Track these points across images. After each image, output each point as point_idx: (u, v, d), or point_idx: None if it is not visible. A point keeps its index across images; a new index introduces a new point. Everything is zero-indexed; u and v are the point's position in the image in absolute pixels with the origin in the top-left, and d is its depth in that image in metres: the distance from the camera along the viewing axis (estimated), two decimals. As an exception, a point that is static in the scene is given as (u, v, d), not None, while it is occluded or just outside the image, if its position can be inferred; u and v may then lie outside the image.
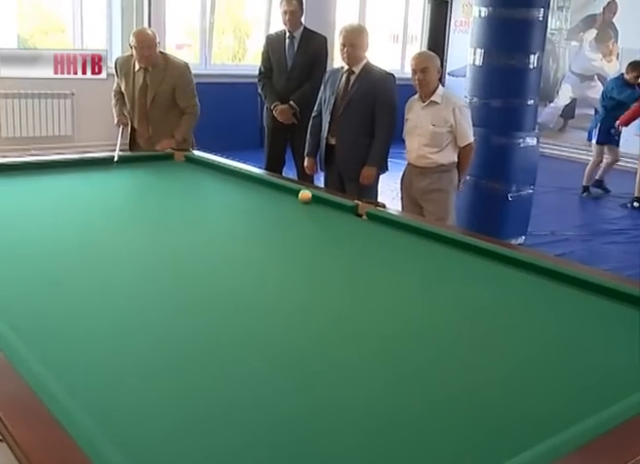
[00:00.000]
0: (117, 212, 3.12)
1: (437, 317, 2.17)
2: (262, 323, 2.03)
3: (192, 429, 1.45)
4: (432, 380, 1.75)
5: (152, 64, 4.49)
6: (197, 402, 1.58)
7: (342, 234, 3.00)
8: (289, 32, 5.21)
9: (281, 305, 2.19)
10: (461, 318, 2.16)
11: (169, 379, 1.67)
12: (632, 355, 1.91)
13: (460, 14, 11.02)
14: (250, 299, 2.21)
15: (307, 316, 2.12)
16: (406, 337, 2.00)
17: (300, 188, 3.35)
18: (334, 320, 2.09)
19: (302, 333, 1.98)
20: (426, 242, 2.83)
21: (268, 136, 5.44)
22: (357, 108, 4.32)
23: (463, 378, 1.75)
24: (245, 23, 10.06)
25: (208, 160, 4.03)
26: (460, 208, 4.64)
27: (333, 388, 1.67)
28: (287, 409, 1.56)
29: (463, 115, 4.11)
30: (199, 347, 1.85)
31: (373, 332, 2.01)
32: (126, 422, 1.46)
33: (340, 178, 4.48)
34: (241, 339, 1.90)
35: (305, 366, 1.79)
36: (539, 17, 5.18)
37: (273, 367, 1.76)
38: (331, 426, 1.50)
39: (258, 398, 1.60)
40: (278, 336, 1.94)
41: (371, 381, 1.72)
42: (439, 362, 1.86)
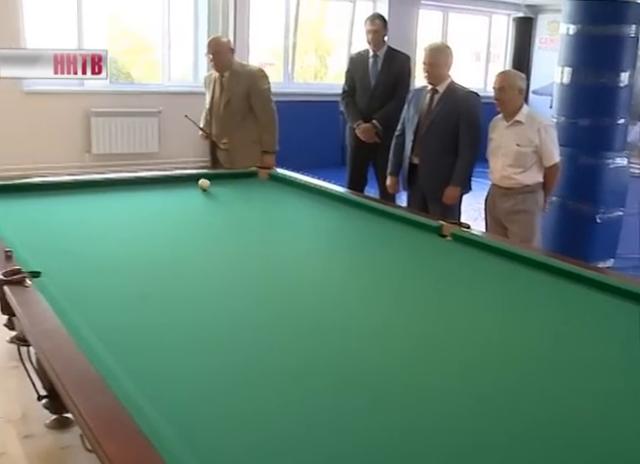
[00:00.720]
0: (203, 229, 3.18)
1: (520, 340, 2.12)
2: (343, 341, 2.03)
3: (272, 446, 1.46)
4: (514, 404, 1.71)
5: (227, 69, 4.72)
6: (277, 418, 1.58)
7: (426, 254, 2.97)
8: (372, 51, 5.22)
9: (362, 325, 2.18)
10: (545, 342, 2.11)
11: (250, 394, 1.68)
12: None
13: (544, 31, 10.84)
14: (331, 318, 2.21)
15: (389, 336, 2.10)
16: (488, 360, 1.96)
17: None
18: (415, 341, 2.07)
19: (384, 354, 1.96)
20: (511, 264, 2.77)
21: (351, 155, 5.45)
22: (441, 127, 4.29)
23: (545, 404, 1.71)
24: (326, 42, 10.15)
25: (291, 178, 4.06)
26: (545, 229, 4.53)
27: (413, 410, 1.65)
28: (367, 430, 1.54)
29: (549, 135, 4.03)
30: (281, 363, 1.86)
31: (455, 355, 1.98)
32: (208, 436, 1.48)
33: (423, 198, 4.45)
34: (322, 358, 1.90)
35: (386, 386, 1.77)
36: (630, 33, 5.04)
37: (354, 387, 1.75)
38: (413, 448, 1.48)
39: (337, 417, 1.59)
40: (359, 356, 1.93)
41: (453, 404, 1.69)
42: (521, 386, 1.81)
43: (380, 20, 5.26)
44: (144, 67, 8.65)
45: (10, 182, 3.61)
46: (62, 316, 1.91)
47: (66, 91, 7.39)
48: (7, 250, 2.33)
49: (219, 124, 4.81)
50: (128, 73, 8.44)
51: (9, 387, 2.95)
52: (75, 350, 1.71)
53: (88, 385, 1.56)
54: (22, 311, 1.95)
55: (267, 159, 4.67)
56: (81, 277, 2.42)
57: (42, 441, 2.57)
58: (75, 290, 2.25)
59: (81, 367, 1.64)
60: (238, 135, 4.73)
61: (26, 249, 2.50)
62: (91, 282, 2.38)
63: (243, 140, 4.74)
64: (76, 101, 7.43)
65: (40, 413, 2.59)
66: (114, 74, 8.18)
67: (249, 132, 4.76)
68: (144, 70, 8.63)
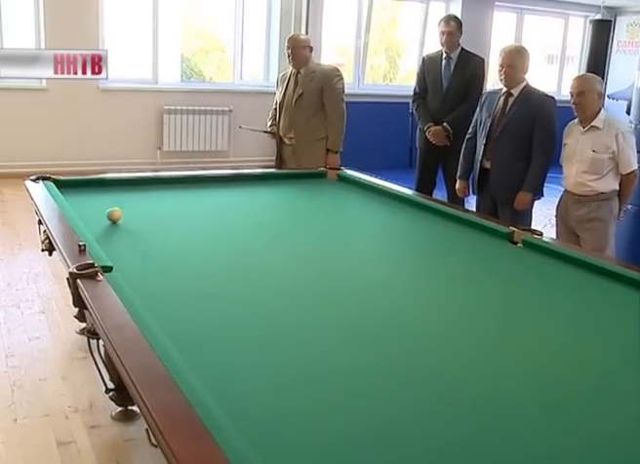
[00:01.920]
0: (270, 228, 3.19)
1: (589, 351, 2.06)
2: (409, 345, 2.01)
3: (336, 445, 1.47)
4: (583, 416, 1.66)
5: (304, 65, 4.81)
6: (341, 418, 1.58)
7: (497, 261, 2.92)
8: (445, 53, 5.17)
9: (429, 329, 2.16)
10: (615, 353, 2.05)
11: (315, 393, 1.69)
12: None
13: (623, 34, 10.55)
14: (397, 321, 2.19)
15: (455, 342, 2.07)
16: (556, 370, 1.91)
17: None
18: (482, 347, 2.04)
19: (449, 359, 1.94)
20: (583, 273, 2.70)
21: (420, 157, 5.41)
22: (514, 131, 4.21)
23: (616, 418, 1.66)
24: (397, 44, 10.10)
25: (359, 179, 4.05)
26: (620, 238, 4.40)
27: (478, 417, 1.63)
28: (430, 436, 1.53)
29: (627, 141, 3.91)
30: (344, 363, 1.86)
31: (521, 363, 1.94)
32: (273, 434, 1.49)
33: (494, 202, 4.37)
34: (386, 360, 1.90)
35: (450, 392, 1.74)
36: None
37: (419, 391, 1.73)
38: (475, 456, 1.46)
39: (402, 420, 1.58)
40: (424, 361, 1.92)
41: (518, 413, 1.66)
42: (590, 397, 1.77)
43: (454, 22, 5.19)
44: (217, 66, 8.77)
45: (84, 178, 3.70)
46: (132, 311, 1.94)
47: (140, 88, 7.57)
48: (80, 243, 2.38)
49: (287, 118, 4.85)
50: (200, 72, 8.57)
51: (77, 378, 3.02)
52: (144, 345, 1.74)
53: (156, 381, 1.58)
54: (94, 305, 1.98)
55: (331, 158, 4.70)
56: (152, 273, 2.47)
57: (108, 431, 2.62)
58: (146, 285, 2.29)
59: (150, 362, 1.66)
60: (305, 131, 4.78)
61: (99, 243, 2.55)
62: (161, 278, 2.42)
63: (310, 136, 4.79)
64: (149, 98, 7.59)
65: (106, 405, 2.65)
66: (186, 73, 8.32)
67: (317, 129, 4.80)
68: (216, 69, 8.75)
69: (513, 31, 10.24)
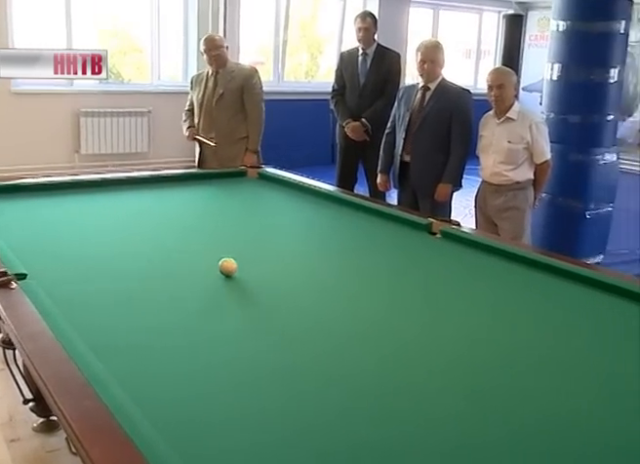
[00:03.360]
0: (193, 229, 3.15)
1: (510, 337, 2.11)
2: (333, 342, 2.02)
3: (259, 449, 1.46)
4: (507, 403, 1.70)
5: (222, 65, 4.78)
6: (264, 420, 1.57)
7: (416, 252, 2.95)
8: (362, 49, 5.21)
9: (352, 324, 2.16)
10: (535, 338, 2.11)
11: (237, 396, 1.68)
12: None
13: (534, 28, 10.85)
14: (319, 319, 2.19)
15: (379, 336, 2.09)
16: (479, 358, 1.95)
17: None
18: (406, 339, 2.06)
19: (374, 354, 1.95)
20: (501, 261, 2.77)
21: (340, 153, 5.44)
22: (432, 125, 4.28)
23: (543, 402, 1.71)
24: (318, 40, 10.13)
25: (280, 177, 4.05)
26: (535, 226, 4.53)
27: (404, 409, 1.64)
28: (361, 433, 1.54)
29: (540, 131, 4.02)
30: (269, 366, 1.85)
31: (446, 353, 1.97)
32: (196, 440, 1.46)
33: (414, 195, 4.43)
34: (311, 359, 1.89)
35: (376, 386, 1.76)
36: (619, 29, 5.04)
37: (345, 388, 1.74)
38: (405, 448, 1.48)
39: (326, 418, 1.59)
40: (349, 356, 1.92)
41: (444, 403, 1.68)
42: (514, 383, 1.81)
43: (370, 18, 5.24)
44: (134, 67, 8.62)
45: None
46: (48, 319, 1.89)
47: (55, 91, 7.35)
48: (-9, 251, 2.31)
49: (208, 119, 4.81)
50: (118, 73, 8.40)
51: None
52: (61, 353, 1.69)
53: (74, 389, 1.55)
54: (7, 314, 1.92)
55: (250, 157, 4.69)
56: (70, 279, 2.40)
57: (29, 444, 2.55)
58: (63, 292, 2.22)
59: (67, 371, 1.62)
60: (226, 131, 4.76)
61: (13, 250, 2.47)
62: (79, 284, 2.36)
63: (231, 136, 4.77)
64: (65, 101, 7.40)
65: (27, 417, 2.58)
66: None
67: (237, 128, 4.78)
68: (134, 70, 8.59)
69: (430, 27, 10.41)
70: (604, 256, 5.38)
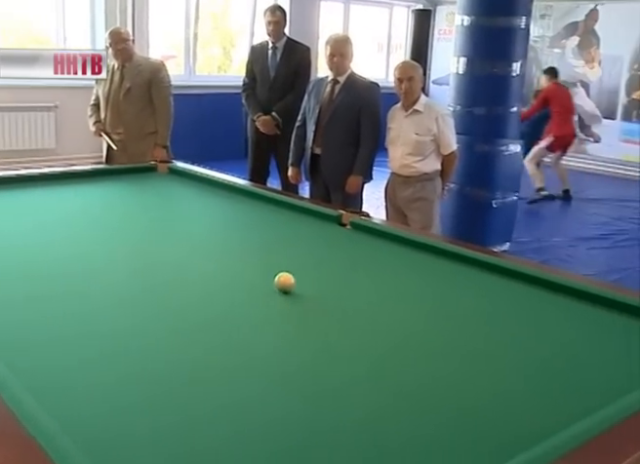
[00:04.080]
0: (103, 225, 3.09)
1: (422, 326, 2.16)
2: (234, 335, 2.02)
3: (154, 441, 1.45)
4: (418, 388, 1.74)
5: (128, 59, 4.71)
6: (151, 413, 1.56)
7: (326, 244, 2.98)
8: (272, 43, 5.22)
9: (259, 317, 2.17)
10: (446, 326, 2.16)
11: (135, 388, 1.67)
12: (614, 358, 1.93)
13: (443, 22, 11.09)
14: (230, 313, 2.19)
15: (288, 329, 2.11)
16: (392, 349, 1.98)
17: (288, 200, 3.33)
18: (317, 332, 2.08)
19: (283, 348, 1.97)
20: (411, 251, 2.82)
21: (252, 147, 5.44)
22: (342, 118, 4.33)
23: (451, 388, 1.75)
24: (230, 34, 10.07)
25: (192, 171, 4.01)
26: (444, 216, 4.64)
27: (317, 405, 1.66)
28: (274, 413, 1.55)
29: (446, 123, 4.13)
30: (167, 359, 1.83)
31: (358, 345, 1.99)
32: (96, 433, 1.45)
33: (326, 188, 4.48)
34: (213, 354, 1.89)
35: (285, 381, 1.77)
36: (520, 25, 5.21)
37: (244, 382, 1.74)
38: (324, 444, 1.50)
39: (223, 408, 1.59)
40: (255, 351, 1.92)
41: (358, 397, 1.70)
42: (426, 371, 1.85)
43: (280, 12, 5.26)
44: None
45: None
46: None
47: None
48: None
49: (115, 113, 4.73)
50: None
51: None
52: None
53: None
54: None
55: (159, 152, 4.64)
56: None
57: None
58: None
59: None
60: (135, 126, 4.69)
61: None
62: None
63: (139, 131, 4.71)
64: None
65: None
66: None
67: (146, 123, 4.73)
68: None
69: (341, 21, 10.49)
70: (510, 244, 5.57)
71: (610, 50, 9.61)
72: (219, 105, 8.48)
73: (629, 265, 5.50)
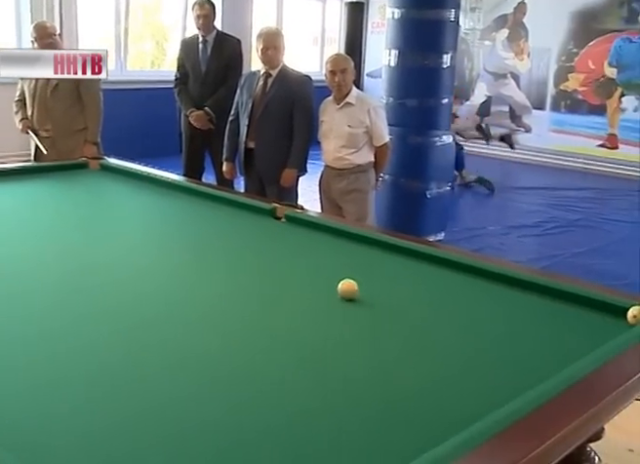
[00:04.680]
0: (29, 226, 3.02)
1: (359, 317, 2.18)
2: (177, 330, 2.02)
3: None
4: (355, 378, 1.76)
5: None
6: (97, 413, 1.55)
7: (260, 237, 2.98)
8: (202, 37, 5.18)
9: (195, 312, 2.17)
10: (382, 316, 2.20)
11: (74, 391, 1.64)
12: (544, 341, 1.99)
13: (376, 15, 11.15)
14: (162, 308, 2.18)
15: (223, 321, 2.11)
16: (329, 342, 2.00)
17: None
18: (251, 324, 2.08)
19: (217, 339, 1.97)
20: (346, 243, 2.84)
21: (186, 143, 5.39)
22: (275, 111, 4.33)
23: (382, 373, 1.79)
24: (163, 28, 9.94)
25: (124, 168, 3.96)
26: (379, 207, 4.69)
27: (250, 394, 1.68)
28: (213, 414, 1.56)
29: (379, 115, 4.17)
30: (106, 357, 1.82)
31: (291, 338, 2.00)
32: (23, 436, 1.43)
33: (261, 182, 4.47)
34: (150, 350, 1.88)
35: (221, 374, 1.78)
36: (450, 17, 5.29)
37: (186, 375, 1.75)
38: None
39: (170, 403, 1.59)
40: (192, 344, 1.93)
41: (287, 388, 1.72)
42: (363, 360, 1.88)
43: (209, 5, 5.22)
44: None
45: None
46: None
47: None
48: None
49: (42, 110, 4.62)
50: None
51: None
52: None
53: None
54: None
55: (89, 148, 4.54)
56: None
57: None
58: None
59: None
60: (63, 122, 4.60)
61: None
62: None
63: (68, 128, 4.61)
64: None
65: None
66: None
67: (75, 120, 4.63)
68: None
69: (274, 14, 10.45)
70: (445, 234, 5.66)
71: (538, 42, 9.81)
72: (152, 101, 8.35)
73: (559, 252, 5.65)
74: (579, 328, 2.09)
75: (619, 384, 1.65)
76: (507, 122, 10.16)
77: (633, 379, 1.69)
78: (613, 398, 1.61)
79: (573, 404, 1.53)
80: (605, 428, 1.86)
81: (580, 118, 9.49)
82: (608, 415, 1.67)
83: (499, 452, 1.35)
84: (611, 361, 1.76)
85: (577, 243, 5.97)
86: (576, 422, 1.46)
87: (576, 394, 1.58)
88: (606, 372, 1.72)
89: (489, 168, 8.59)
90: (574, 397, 1.56)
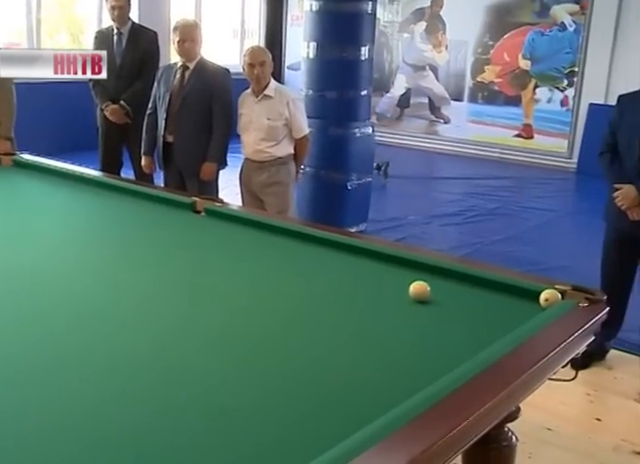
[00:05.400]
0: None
1: (281, 307, 2.19)
2: (99, 327, 1.98)
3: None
4: (273, 372, 1.77)
5: None
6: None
7: (180, 232, 2.95)
8: (117, 29, 5.07)
9: (117, 309, 2.14)
10: (304, 306, 2.22)
11: None
12: (457, 329, 2.04)
13: (295, 8, 11.14)
14: (90, 308, 2.13)
15: (149, 321, 2.07)
16: (252, 331, 2.00)
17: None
18: (176, 322, 2.06)
19: (146, 339, 1.94)
20: (267, 235, 2.84)
21: (102, 137, 5.28)
22: (194, 104, 4.29)
23: (308, 366, 1.80)
24: (78, 20, 9.69)
25: (39, 164, 3.85)
26: (301, 199, 4.71)
27: (169, 391, 1.66)
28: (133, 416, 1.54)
29: (297, 108, 4.18)
30: (20, 362, 1.77)
31: (215, 331, 2.00)
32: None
33: (180, 176, 4.42)
34: (75, 350, 1.85)
35: (153, 375, 1.76)
36: (367, 10, 5.33)
37: (108, 379, 1.72)
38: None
39: (98, 406, 1.56)
40: (113, 341, 1.90)
41: (208, 376, 1.72)
42: (284, 350, 1.89)
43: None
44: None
45: None
46: None
47: None
48: None
49: None
50: None
51: None
52: None
53: None
54: None
55: (3, 144, 4.36)
56: None
57: None
58: None
59: None
60: None
61: None
62: None
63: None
64: None
65: None
66: None
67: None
68: None
69: (193, 6, 10.32)
70: (367, 224, 5.71)
71: (455, 35, 9.99)
72: (68, 94, 8.14)
73: (479, 240, 5.79)
74: (496, 313, 2.15)
75: (531, 365, 1.70)
76: (427, 113, 10.32)
77: (545, 359, 1.75)
78: (525, 379, 1.66)
79: (486, 386, 1.57)
80: (521, 408, 1.91)
81: (496, 109, 9.71)
82: (522, 396, 1.73)
83: (415, 436, 1.37)
84: (524, 343, 1.81)
85: (495, 230, 6.11)
86: (489, 404, 1.50)
87: (489, 376, 1.62)
88: (519, 354, 1.77)
89: (409, 159, 8.71)
90: (487, 379, 1.60)
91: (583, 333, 1.95)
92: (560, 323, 1.97)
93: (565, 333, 1.89)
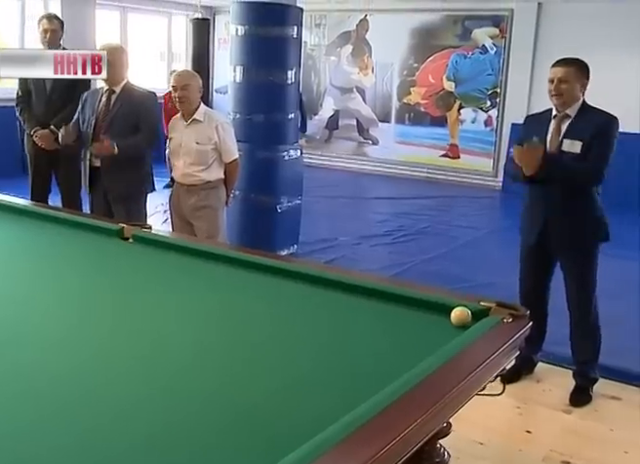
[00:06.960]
0: None
1: (211, 332, 2.19)
2: (27, 355, 1.95)
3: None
4: (203, 389, 1.76)
5: None
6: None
7: (107, 259, 2.91)
8: (47, 52, 4.99)
9: (45, 338, 2.09)
10: (235, 331, 2.21)
11: None
12: (384, 348, 2.07)
13: (222, 31, 11.19)
14: (13, 336, 2.09)
15: (73, 346, 2.04)
16: (180, 357, 1.99)
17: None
18: (100, 346, 2.04)
19: (68, 363, 1.91)
20: (196, 260, 2.82)
21: (31, 164, 5.16)
22: (119, 128, 4.23)
23: (231, 387, 1.80)
24: (2, 43, 9.50)
25: (-41, 193, 3.75)
26: (231, 223, 4.70)
27: (97, 415, 1.64)
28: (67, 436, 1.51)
29: (227, 132, 4.18)
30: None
31: (136, 359, 1.98)
32: None
33: (107, 201, 4.34)
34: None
35: (70, 395, 1.73)
36: (293, 34, 5.39)
37: (42, 398, 1.69)
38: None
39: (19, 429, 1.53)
40: (43, 369, 1.87)
41: (129, 401, 1.70)
42: (219, 375, 1.88)
43: (57, 20, 5.07)
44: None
45: None
46: None
47: None
48: None
49: None
50: None
51: None
52: None
53: None
54: None
55: None
56: None
57: None
58: None
59: None
60: None
61: None
62: None
63: None
64: None
65: None
66: None
67: None
68: None
69: (118, 29, 10.25)
70: (298, 247, 5.74)
71: (381, 57, 10.20)
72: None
73: (409, 259, 5.87)
74: (423, 331, 2.20)
75: (458, 381, 1.74)
76: (355, 135, 10.47)
77: (472, 375, 1.79)
78: (453, 394, 1.70)
79: (414, 404, 1.60)
80: (453, 424, 1.95)
81: (423, 130, 9.93)
82: (450, 412, 1.76)
83: (342, 458, 1.39)
84: (451, 359, 1.85)
85: (425, 249, 6.22)
86: (418, 421, 1.52)
87: (417, 394, 1.65)
88: (446, 371, 1.80)
89: (339, 180, 8.80)
90: (415, 397, 1.63)
91: (508, 348, 2.01)
92: (486, 339, 2.02)
93: (490, 349, 1.94)
